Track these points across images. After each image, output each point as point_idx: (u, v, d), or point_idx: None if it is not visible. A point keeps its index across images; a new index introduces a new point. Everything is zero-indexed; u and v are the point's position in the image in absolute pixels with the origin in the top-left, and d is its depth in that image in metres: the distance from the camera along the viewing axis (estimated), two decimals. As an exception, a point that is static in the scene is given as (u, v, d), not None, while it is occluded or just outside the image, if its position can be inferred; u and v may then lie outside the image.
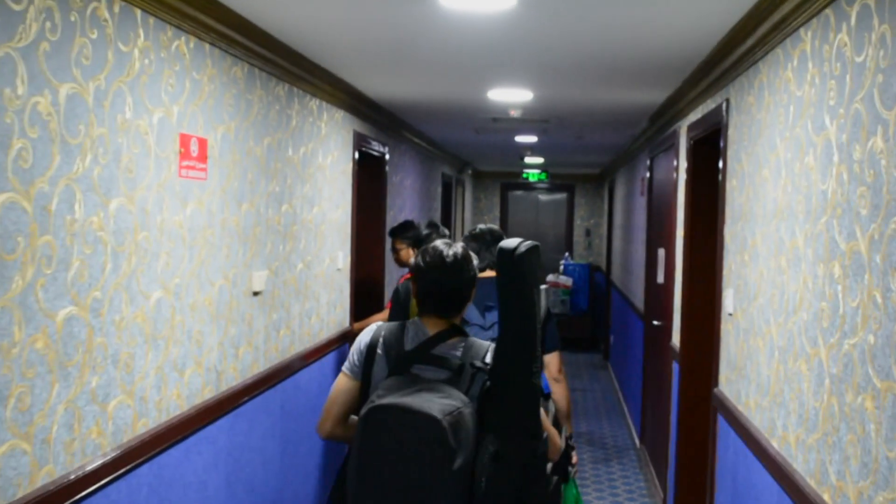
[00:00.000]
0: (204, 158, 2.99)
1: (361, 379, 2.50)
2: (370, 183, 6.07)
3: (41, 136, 2.03)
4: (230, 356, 3.30)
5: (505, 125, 6.82)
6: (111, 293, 2.38)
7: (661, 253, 5.84)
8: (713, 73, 3.80)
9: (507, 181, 13.80)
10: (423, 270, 2.50)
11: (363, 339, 2.54)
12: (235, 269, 3.33)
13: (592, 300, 12.19)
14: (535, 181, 13.44)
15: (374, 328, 2.56)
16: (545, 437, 2.38)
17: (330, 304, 4.86)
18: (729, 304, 3.54)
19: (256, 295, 3.58)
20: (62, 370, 2.14)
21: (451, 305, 2.50)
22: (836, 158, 2.22)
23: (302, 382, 4.30)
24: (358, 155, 5.40)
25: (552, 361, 3.56)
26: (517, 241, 2.30)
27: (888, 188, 1.85)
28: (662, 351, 5.52)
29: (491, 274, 3.56)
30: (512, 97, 5.20)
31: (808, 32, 2.54)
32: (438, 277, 2.48)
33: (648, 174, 6.77)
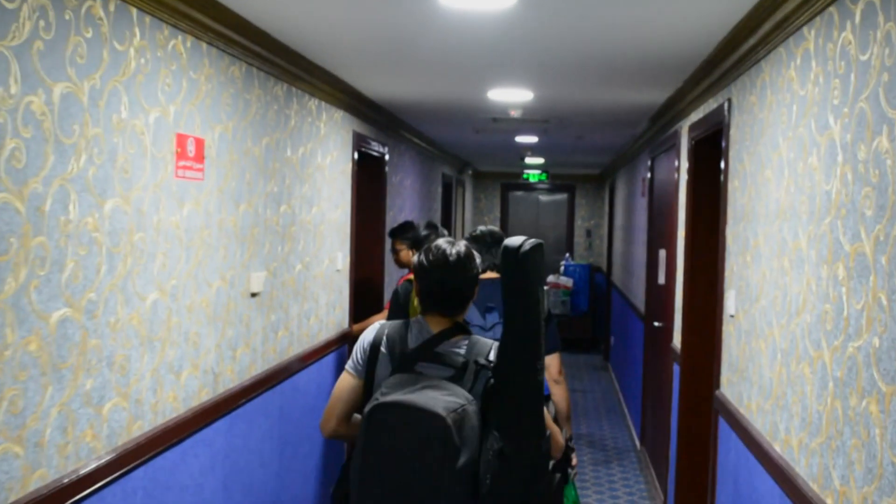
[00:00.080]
0: (201, 158, 2.97)
1: (365, 377, 2.49)
2: (370, 183, 6.04)
3: (35, 135, 2.00)
4: (227, 358, 3.28)
5: (505, 125, 6.79)
6: (106, 295, 2.35)
7: (661, 254, 5.81)
8: (715, 72, 3.77)
9: (507, 181, 13.77)
10: (426, 269, 2.50)
11: (366, 337, 2.54)
12: (233, 270, 3.31)
13: (593, 301, 12.17)
14: (535, 182, 13.42)
15: (377, 326, 2.56)
16: (548, 435, 2.38)
17: (329, 305, 4.83)
18: (730, 305, 3.51)
19: (254, 296, 3.56)
20: (55, 372, 2.11)
21: (454, 304, 2.50)
22: (840, 158, 2.20)
23: (300, 384, 4.27)
24: (357, 155, 5.38)
25: (552, 363, 3.54)
26: (521, 238, 2.30)
27: (894, 188, 1.82)
28: (663, 352, 5.49)
29: (492, 275, 3.55)
30: (512, 97, 5.18)
31: (811, 31, 2.51)
32: (441, 276, 2.47)
33: (649, 175, 6.74)
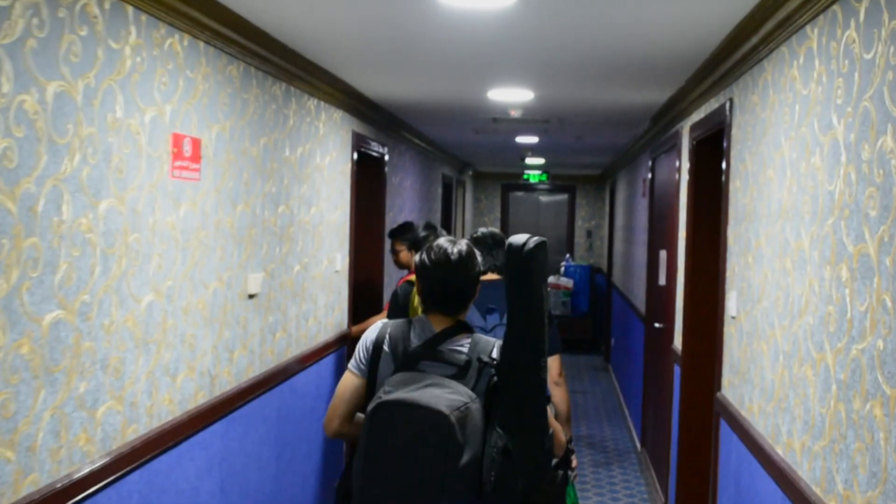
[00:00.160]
0: (198, 158, 2.94)
1: (368, 376, 2.50)
2: (369, 184, 6.01)
3: (27, 135, 1.97)
4: (224, 360, 3.25)
5: (505, 125, 6.77)
6: (100, 296, 2.32)
7: (662, 254, 5.78)
8: (716, 71, 3.74)
9: (507, 182, 13.74)
10: (427, 268, 2.51)
11: (369, 336, 2.54)
12: (230, 271, 3.28)
13: (593, 302, 12.14)
14: (535, 182, 13.39)
15: (380, 325, 2.56)
16: (550, 432, 2.39)
17: (328, 306, 4.80)
18: (732, 306, 3.48)
19: (252, 297, 3.53)
20: (48, 376, 2.08)
21: (456, 303, 2.51)
22: (843, 158, 2.17)
23: (299, 386, 4.24)
24: (357, 155, 5.35)
25: (553, 365, 3.51)
26: (525, 236, 2.32)
27: (898, 189, 1.79)
28: (664, 353, 5.46)
29: (492, 277, 3.54)
30: (512, 97, 5.15)
31: (814, 29, 2.48)
32: (443, 275, 2.48)
33: (650, 175, 6.71)
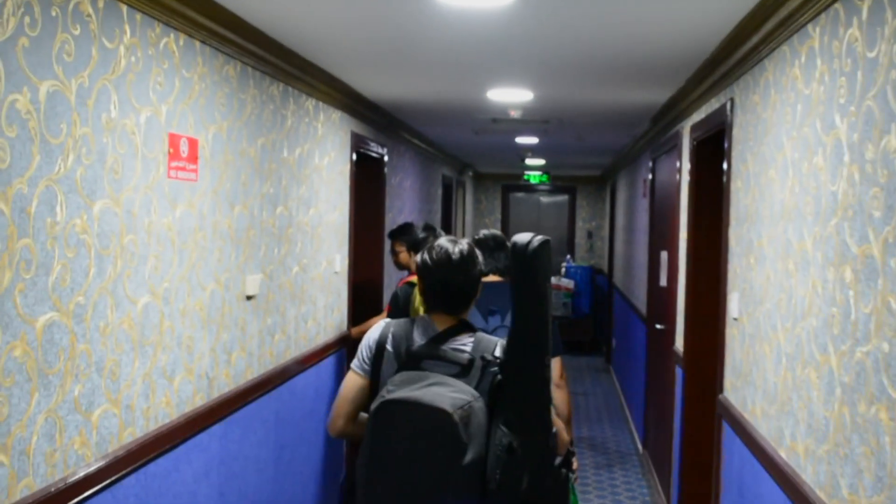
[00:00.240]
0: (194, 159, 2.91)
1: (371, 376, 2.51)
2: (369, 185, 5.99)
3: (20, 135, 1.94)
4: (222, 362, 3.22)
5: (505, 126, 6.74)
6: (95, 298, 2.30)
7: (663, 255, 5.76)
8: (717, 71, 3.72)
9: (508, 183, 13.72)
10: (429, 268, 2.52)
11: (372, 335, 2.55)
12: (228, 272, 3.25)
13: (595, 303, 12.11)
14: (536, 183, 13.36)
15: (382, 325, 2.57)
16: (554, 430, 2.39)
17: (327, 307, 4.78)
18: (734, 308, 3.46)
19: (250, 299, 3.50)
20: (42, 378, 2.06)
21: (457, 302, 2.52)
22: (846, 158, 2.14)
23: (298, 388, 4.21)
24: (356, 156, 5.32)
25: (554, 367, 3.47)
26: (529, 235, 2.33)
27: (903, 189, 1.77)
28: (665, 355, 5.43)
29: (494, 279, 3.51)
30: (511, 97, 5.12)
31: (816, 28, 2.46)
32: (445, 275, 2.49)
33: (651, 176, 6.69)
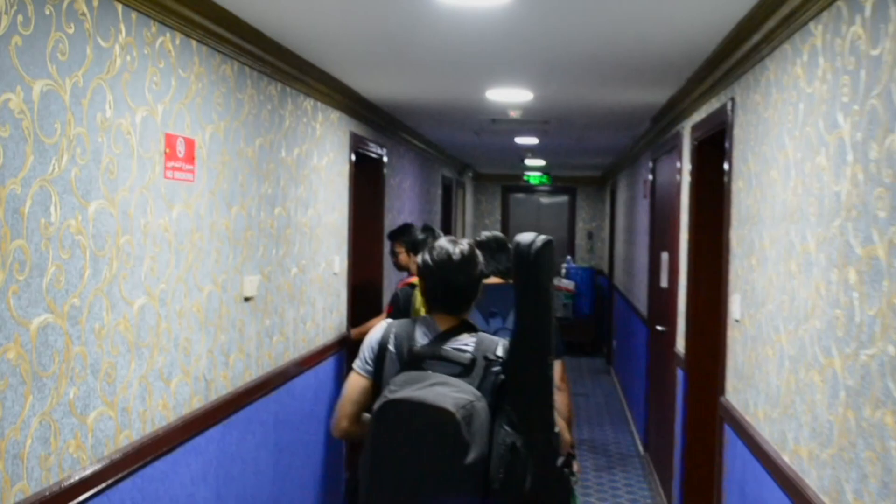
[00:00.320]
0: (192, 159, 2.89)
1: (374, 376, 2.52)
2: (368, 185, 5.96)
3: (13, 134, 1.92)
4: (220, 364, 3.19)
5: (505, 126, 6.72)
6: (91, 300, 2.27)
7: (664, 256, 5.73)
8: (718, 70, 3.69)
9: (508, 184, 13.69)
10: (430, 268, 2.53)
11: (374, 336, 2.56)
12: (226, 273, 3.23)
13: (595, 304, 12.07)
14: (536, 184, 13.33)
15: (384, 325, 2.58)
16: (557, 430, 2.39)
17: (326, 309, 4.75)
18: (736, 309, 3.43)
19: (248, 300, 3.47)
20: (37, 381, 2.03)
21: (459, 302, 2.53)
22: (850, 158, 2.11)
23: (296, 390, 4.19)
24: (355, 157, 5.30)
25: (555, 370, 3.45)
26: (532, 235, 2.33)
27: (909, 189, 1.74)
28: (667, 357, 5.40)
29: (495, 280, 3.49)
30: (511, 97, 5.10)
31: (818, 26, 2.43)
32: (446, 275, 2.50)
33: (651, 176, 6.66)
